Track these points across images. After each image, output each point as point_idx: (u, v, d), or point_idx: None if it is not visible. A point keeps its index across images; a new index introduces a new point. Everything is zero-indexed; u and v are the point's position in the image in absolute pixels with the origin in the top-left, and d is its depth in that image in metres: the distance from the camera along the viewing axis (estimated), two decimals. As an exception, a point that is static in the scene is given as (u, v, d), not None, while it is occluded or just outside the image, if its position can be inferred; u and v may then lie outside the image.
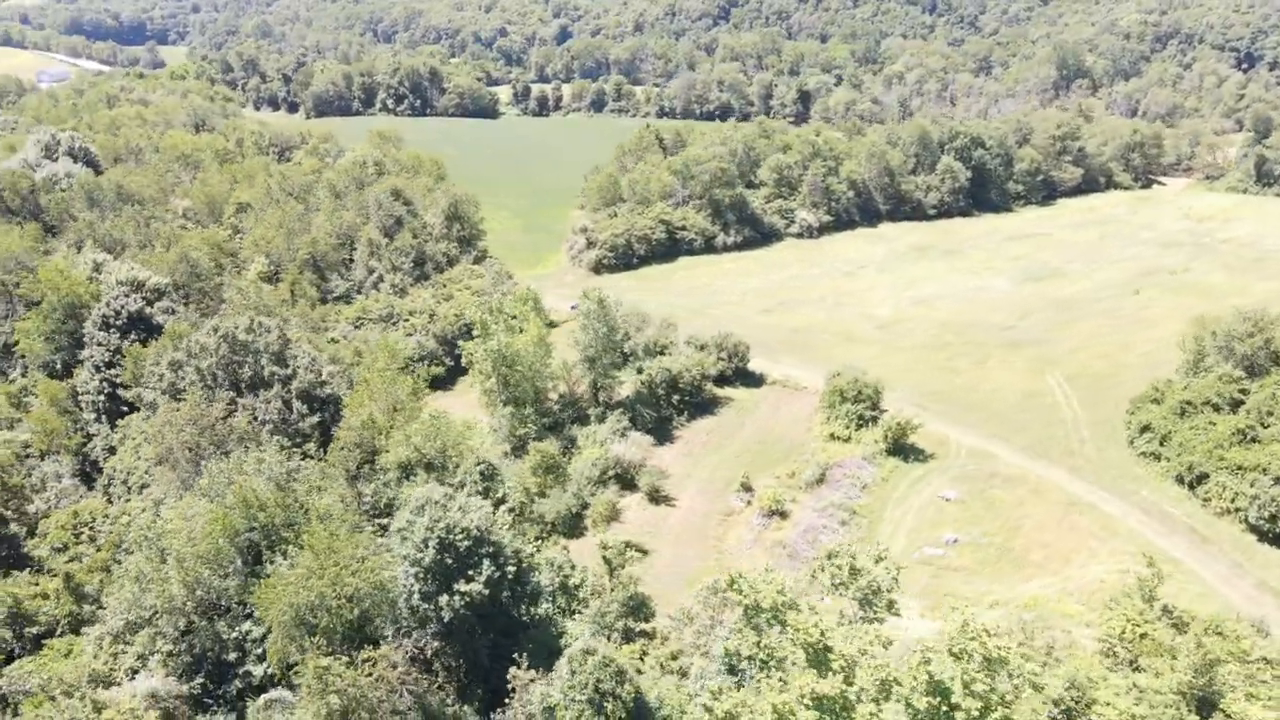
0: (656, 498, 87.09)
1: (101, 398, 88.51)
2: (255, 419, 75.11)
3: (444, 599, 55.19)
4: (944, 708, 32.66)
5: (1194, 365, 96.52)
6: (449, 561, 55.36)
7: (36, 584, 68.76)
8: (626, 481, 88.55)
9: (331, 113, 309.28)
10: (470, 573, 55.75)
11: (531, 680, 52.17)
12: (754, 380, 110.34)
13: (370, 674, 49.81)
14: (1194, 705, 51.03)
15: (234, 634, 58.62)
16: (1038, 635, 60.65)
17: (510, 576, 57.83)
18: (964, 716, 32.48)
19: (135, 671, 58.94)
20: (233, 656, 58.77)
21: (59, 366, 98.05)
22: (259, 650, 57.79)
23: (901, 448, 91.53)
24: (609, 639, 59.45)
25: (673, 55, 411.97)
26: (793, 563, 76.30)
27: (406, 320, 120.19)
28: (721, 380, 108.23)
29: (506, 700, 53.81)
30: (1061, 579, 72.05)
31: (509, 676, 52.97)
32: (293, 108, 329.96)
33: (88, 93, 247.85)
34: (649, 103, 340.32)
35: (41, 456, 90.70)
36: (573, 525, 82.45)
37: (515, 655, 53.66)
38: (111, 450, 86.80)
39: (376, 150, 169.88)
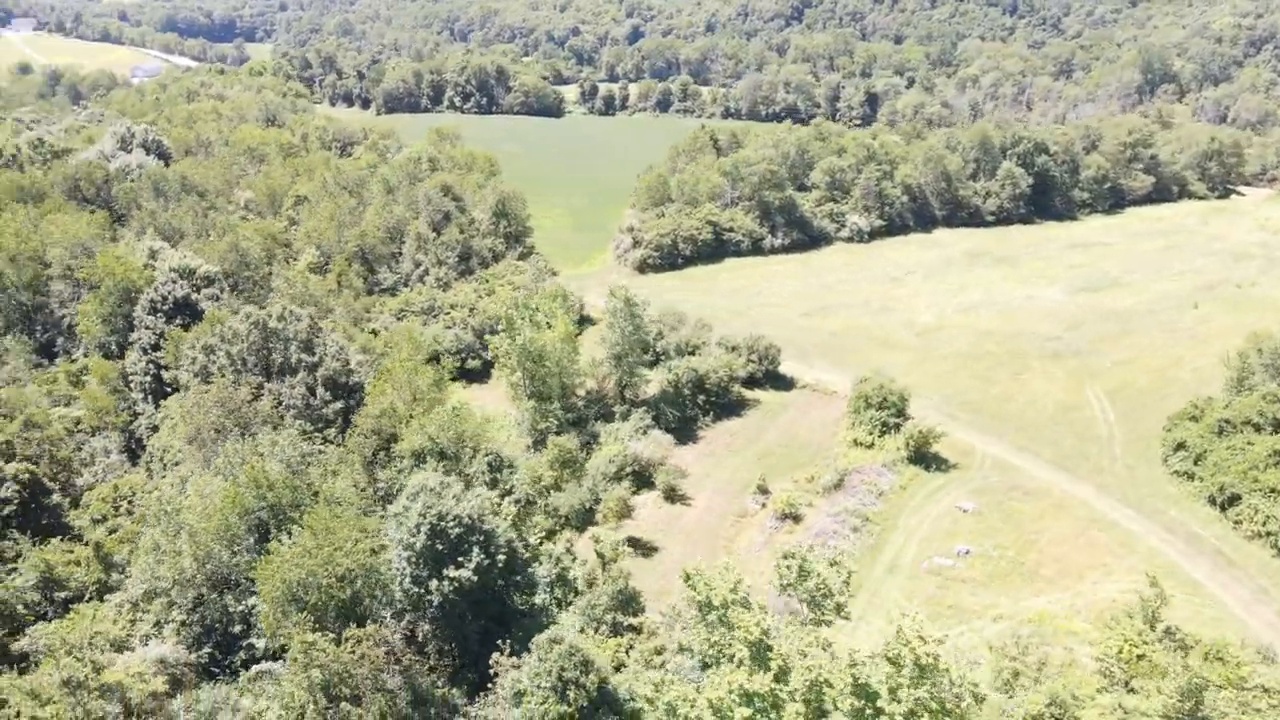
0: (672, 496, 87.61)
1: (148, 378, 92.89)
2: (279, 403, 78.15)
3: (434, 583, 56.85)
4: (868, 711, 32.71)
5: (1238, 383, 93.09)
6: (440, 547, 56.98)
7: (71, 552, 72.82)
8: (644, 479, 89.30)
9: (401, 109, 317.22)
10: (460, 559, 57.29)
11: (514, 666, 53.40)
12: (784, 383, 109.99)
13: (354, 652, 51.58)
14: (1180, 730, 49.62)
15: (240, 608, 61.26)
16: (1032, 650, 59.65)
17: (500, 565, 59.14)
18: (887, 721, 32.51)
19: (149, 638, 62.03)
20: (238, 629, 61.43)
21: (114, 348, 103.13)
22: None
23: (924, 456, 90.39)
24: (596, 631, 60.39)
25: (743, 56, 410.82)
26: (800, 566, 76.18)
27: (448, 313, 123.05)
28: (751, 382, 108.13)
29: (489, 685, 55.22)
30: (1072, 595, 70.44)
31: (491, 662, 54.31)
32: (366, 104, 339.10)
33: (170, 87, 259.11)
34: (714, 103, 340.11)
35: (92, 432, 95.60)
36: (586, 519, 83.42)
37: (499, 642, 54.90)
38: (154, 428, 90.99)
39: (432, 147, 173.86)
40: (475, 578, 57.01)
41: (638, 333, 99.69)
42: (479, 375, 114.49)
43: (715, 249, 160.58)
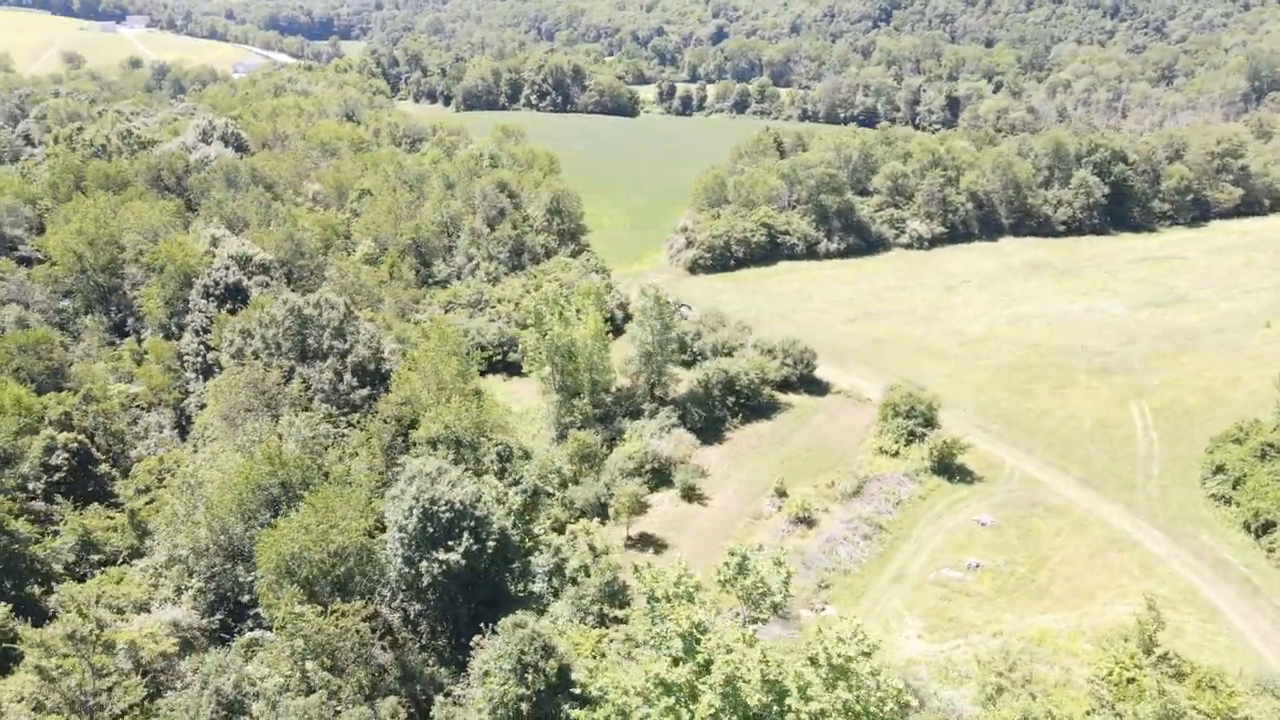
0: (690, 495, 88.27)
1: (199, 359, 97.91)
2: (308, 387, 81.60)
3: (424, 565, 58.92)
4: (775, 708, 33.12)
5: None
6: (430, 530, 59.02)
7: (111, 518, 77.56)
8: (663, 477, 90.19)
9: (480, 107, 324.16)
10: (450, 543, 59.22)
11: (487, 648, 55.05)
12: (819, 388, 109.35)
13: (338, 625, 53.94)
14: (1155, 757, 48.30)
15: (250, 578, 64.40)
16: (1020, 667, 58.54)
17: (491, 551, 60.84)
18: (794, 718, 32.86)
19: (167, 602, 65.80)
20: (247, 599, 64.64)
21: (174, 329, 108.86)
22: (270, 595, 63.23)
23: (947, 467, 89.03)
24: (583, 621, 61.60)
25: (826, 58, 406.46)
26: (807, 571, 76.03)
27: (493, 307, 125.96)
28: (785, 386, 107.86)
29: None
30: (1079, 615, 68.68)
31: (472, 644, 56.09)
32: (448, 101, 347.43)
33: (260, 83, 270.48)
34: (792, 105, 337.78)
35: (148, 408, 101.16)
36: (601, 513, 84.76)
37: (480, 625, 56.62)
38: (202, 406, 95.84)
39: (495, 144, 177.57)
40: (463, 561, 58.84)
41: (667, 331, 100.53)
42: (519, 368, 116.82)
43: (769, 252, 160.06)
